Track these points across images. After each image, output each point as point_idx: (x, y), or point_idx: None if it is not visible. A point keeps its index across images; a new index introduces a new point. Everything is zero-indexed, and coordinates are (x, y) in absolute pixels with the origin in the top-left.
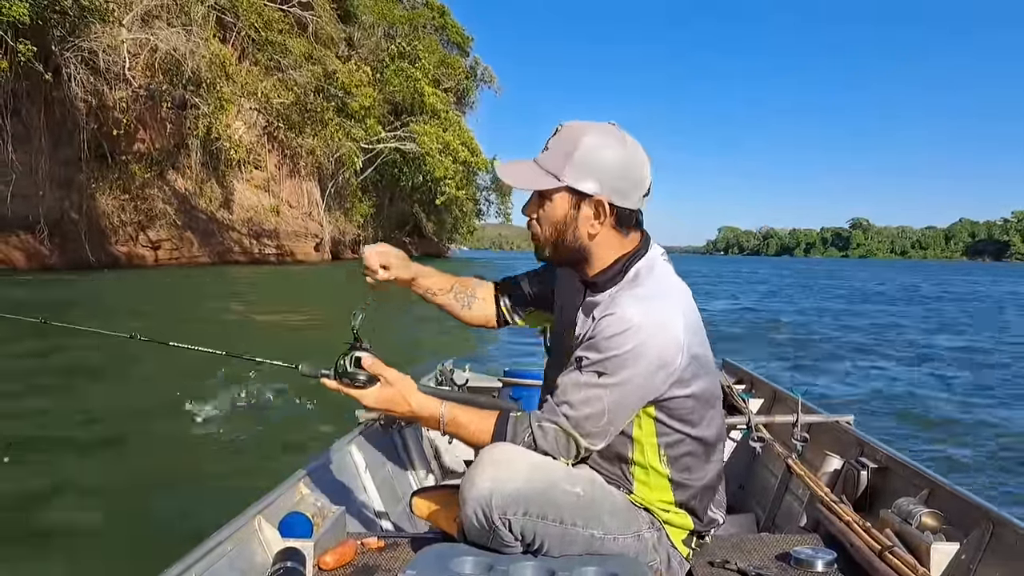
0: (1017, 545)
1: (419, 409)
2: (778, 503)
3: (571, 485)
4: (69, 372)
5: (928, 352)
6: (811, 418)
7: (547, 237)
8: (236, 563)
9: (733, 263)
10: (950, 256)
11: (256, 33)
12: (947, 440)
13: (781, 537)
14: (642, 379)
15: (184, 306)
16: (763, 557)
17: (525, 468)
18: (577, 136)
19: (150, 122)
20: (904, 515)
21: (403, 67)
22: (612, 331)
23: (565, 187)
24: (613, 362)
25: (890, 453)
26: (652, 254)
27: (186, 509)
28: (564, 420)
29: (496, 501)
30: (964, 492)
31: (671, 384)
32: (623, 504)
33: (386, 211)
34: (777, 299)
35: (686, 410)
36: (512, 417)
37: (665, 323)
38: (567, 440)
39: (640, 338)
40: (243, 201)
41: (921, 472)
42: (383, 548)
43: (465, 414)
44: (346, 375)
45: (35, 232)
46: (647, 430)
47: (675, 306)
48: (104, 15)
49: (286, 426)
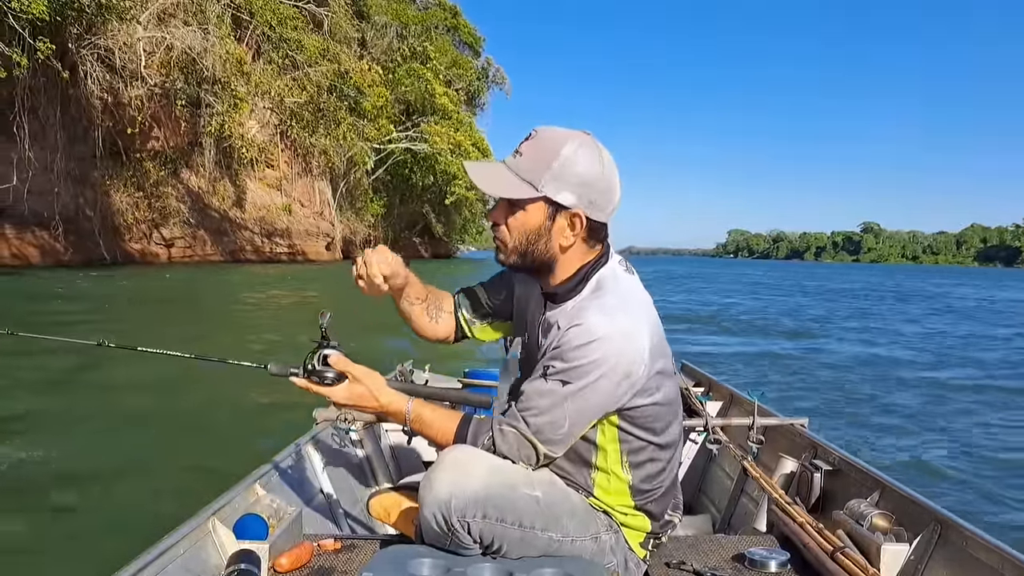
0: (964, 545)
1: (387, 404)
2: (734, 505)
3: (530, 488)
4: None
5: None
6: (767, 421)
7: (515, 245)
8: (189, 565)
9: (736, 266)
10: (961, 261)
11: (271, 30)
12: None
13: (736, 538)
14: (606, 389)
15: (212, 303)
16: (718, 558)
17: (484, 471)
18: (556, 146)
19: (164, 120)
20: (856, 516)
21: (415, 67)
22: (578, 341)
23: (542, 197)
24: (578, 371)
25: (843, 455)
26: (612, 263)
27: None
28: (525, 426)
29: (455, 503)
30: (913, 493)
31: (634, 394)
32: (581, 507)
33: (396, 211)
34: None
35: (649, 418)
36: (475, 419)
37: (631, 334)
38: (527, 445)
39: (606, 349)
40: (255, 200)
41: (872, 474)
42: (340, 550)
43: (431, 413)
44: (314, 373)
45: (50, 229)
46: (610, 437)
47: (640, 317)
48: (122, 13)
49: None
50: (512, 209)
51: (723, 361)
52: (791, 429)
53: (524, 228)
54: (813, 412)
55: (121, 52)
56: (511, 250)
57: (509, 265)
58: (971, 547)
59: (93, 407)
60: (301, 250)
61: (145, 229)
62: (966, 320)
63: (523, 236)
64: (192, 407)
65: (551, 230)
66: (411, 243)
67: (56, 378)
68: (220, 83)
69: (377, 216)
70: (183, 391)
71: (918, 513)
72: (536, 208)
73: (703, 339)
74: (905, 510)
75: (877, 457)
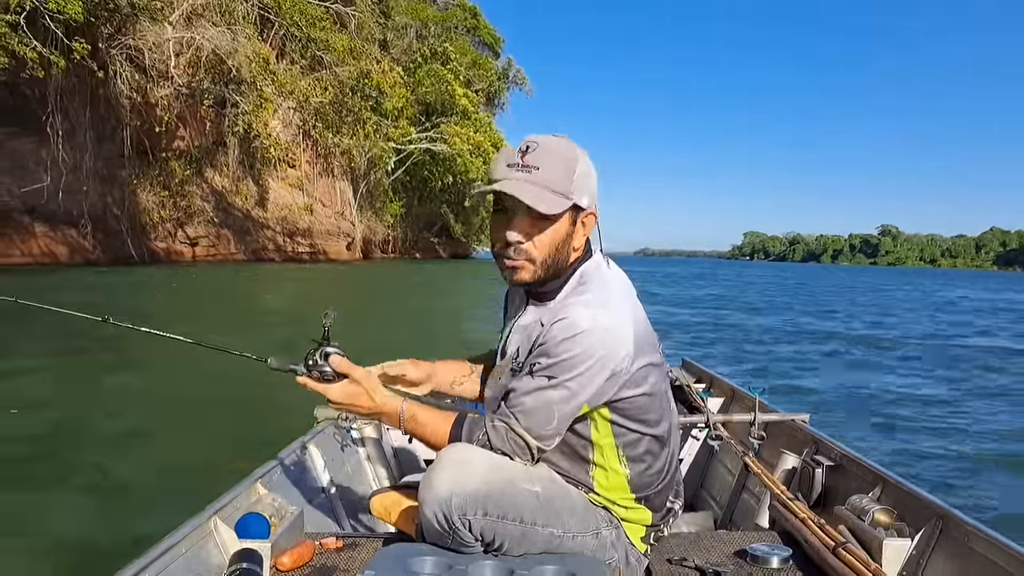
0: (965, 540)
1: (381, 405)
2: (735, 501)
3: (530, 484)
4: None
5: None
6: (768, 416)
7: (544, 259)
8: (191, 564)
9: (739, 267)
10: (980, 265)
11: (298, 30)
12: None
13: (738, 534)
14: (592, 381)
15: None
16: (720, 554)
17: (484, 468)
18: (569, 153)
19: (190, 120)
20: (858, 512)
21: (435, 68)
22: (563, 335)
23: (572, 205)
24: (563, 365)
25: (844, 451)
26: (596, 257)
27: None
28: (515, 422)
29: (456, 502)
30: (915, 488)
31: (621, 385)
32: (581, 502)
33: (415, 211)
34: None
35: (640, 409)
36: (468, 418)
37: (614, 326)
38: (519, 440)
39: (590, 342)
40: (278, 199)
41: (874, 469)
42: (341, 548)
43: (425, 413)
44: (315, 368)
45: (79, 227)
46: (604, 432)
47: (623, 309)
48: (154, 13)
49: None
50: (543, 224)
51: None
52: (792, 425)
53: (555, 239)
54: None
55: (151, 52)
56: (540, 264)
57: (534, 282)
58: (973, 541)
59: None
60: (322, 249)
61: (170, 228)
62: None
63: (554, 247)
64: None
65: (572, 235)
66: (429, 243)
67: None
68: (246, 83)
69: (396, 216)
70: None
71: (920, 508)
72: (566, 217)
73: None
74: (907, 505)
75: (874, 450)
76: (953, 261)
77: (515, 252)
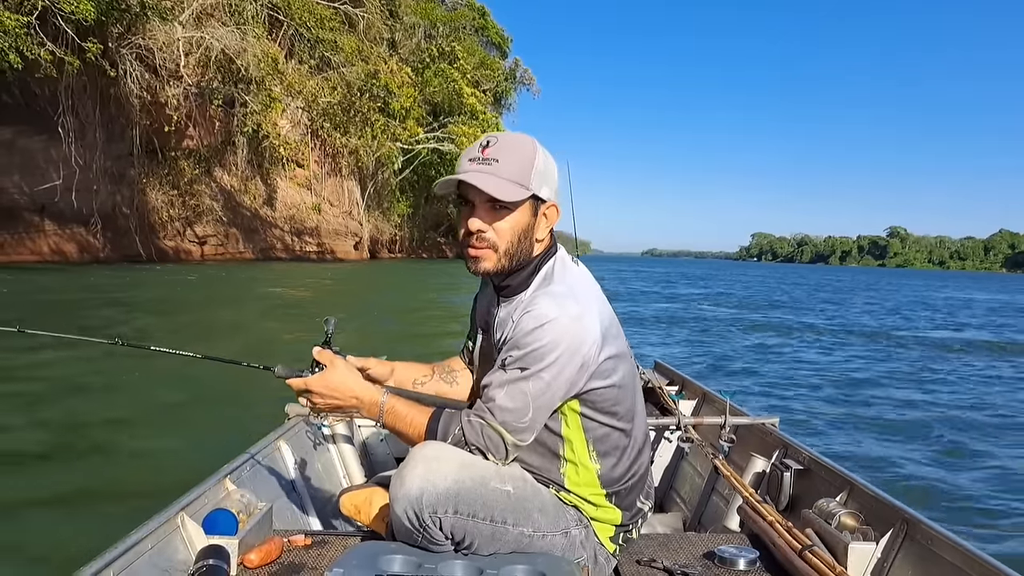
0: (929, 544)
1: (362, 395)
2: (705, 503)
3: (501, 483)
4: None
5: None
6: (739, 420)
7: (508, 247)
8: (157, 561)
9: (739, 268)
10: (989, 267)
11: (307, 31)
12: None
13: (707, 536)
14: (562, 372)
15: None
16: (689, 556)
17: (455, 466)
18: (529, 147)
19: (199, 119)
20: (824, 515)
21: (443, 68)
22: (530, 327)
23: (532, 196)
24: (533, 355)
25: (813, 455)
26: (561, 253)
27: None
28: (491, 416)
29: (426, 500)
30: (881, 493)
31: (590, 376)
32: (551, 501)
33: (422, 211)
34: None
35: (609, 401)
36: (445, 413)
37: (580, 316)
38: (495, 435)
39: (557, 331)
40: (286, 199)
41: (841, 473)
42: (310, 546)
43: (404, 407)
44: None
45: (88, 226)
46: (574, 426)
47: (589, 302)
48: (164, 12)
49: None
50: (501, 212)
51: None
52: (762, 428)
53: (516, 228)
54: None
55: (160, 52)
56: (503, 253)
57: (497, 271)
58: (936, 546)
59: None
60: (330, 249)
61: (179, 227)
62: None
63: (515, 237)
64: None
65: (534, 226)
66: (436, 243)
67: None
68: (255, 82)
69: (403, 216)
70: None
71: (885, 512)
72: (525, 207)
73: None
74: (872, 509)
75: (843, 453)
76: (962, 263)
77: (478, 240)
